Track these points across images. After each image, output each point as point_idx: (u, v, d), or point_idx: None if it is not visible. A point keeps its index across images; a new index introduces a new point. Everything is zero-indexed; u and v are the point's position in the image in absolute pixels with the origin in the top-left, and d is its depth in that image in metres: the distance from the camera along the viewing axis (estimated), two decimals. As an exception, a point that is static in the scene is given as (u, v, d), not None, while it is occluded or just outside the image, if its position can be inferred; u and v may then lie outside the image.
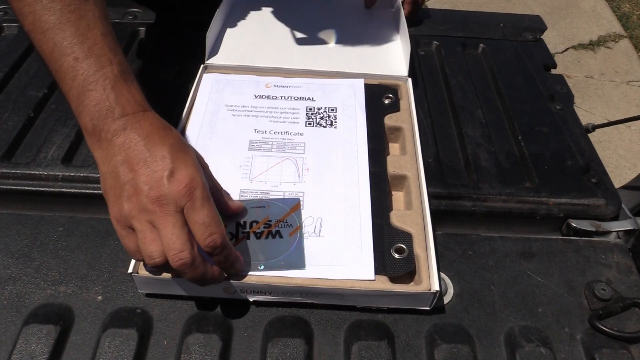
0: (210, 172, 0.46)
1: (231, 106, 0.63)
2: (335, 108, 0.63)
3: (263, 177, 0.55)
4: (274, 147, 0.58)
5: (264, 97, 0.64)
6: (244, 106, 0.63)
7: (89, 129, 0.42)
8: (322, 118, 0.62)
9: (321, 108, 0.63)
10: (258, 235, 0.49)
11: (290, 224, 0.50)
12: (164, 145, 0.41)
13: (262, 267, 0.47)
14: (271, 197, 0.53)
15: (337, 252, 0.49)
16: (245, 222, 0.50)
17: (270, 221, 0.50)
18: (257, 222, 0.50)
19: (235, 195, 0.52)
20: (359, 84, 0.66)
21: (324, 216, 0.51)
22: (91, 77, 0.41)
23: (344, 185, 0.54)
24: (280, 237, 0.49)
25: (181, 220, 0.40)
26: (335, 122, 0.61)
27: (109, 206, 0.41)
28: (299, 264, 0.47)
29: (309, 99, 0.64)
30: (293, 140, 0.59)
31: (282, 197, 0.53)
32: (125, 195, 0.40)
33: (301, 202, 0.52)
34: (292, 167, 0.56)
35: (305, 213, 0.52)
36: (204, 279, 0.42)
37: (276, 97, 0.64)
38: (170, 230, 0.39)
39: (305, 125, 0.61)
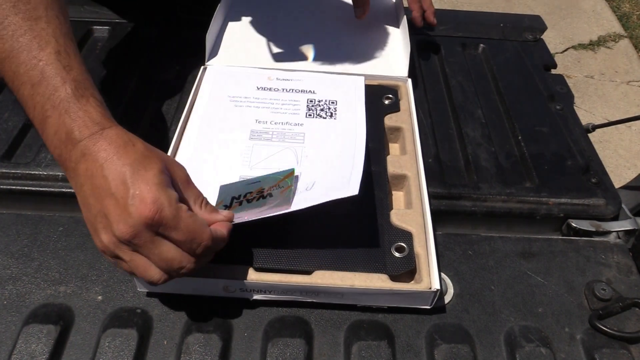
0: (185, 178, 0.43)
1: (233, 97, 0.63)
2: (336, 101, 0.63)
3: (263, 164, 0.55)
4: (274, 137, 0.58)
5: (265, 89, 0.65)
6: (246, 97, 0.63)
7: (56, 159, 0.41)
8: (322, 110, 0.62)
9: (322, 100, 0.63)
10: (249, 200, 0.49)
11: (282, 186, 0.49)
12: (123, 167, 0.38)
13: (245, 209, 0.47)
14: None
15: (324, 188, 0.49)
16: (240, 196, 0.50)
17: (263, 189, 0.50)
18: (250, 192, 0.50)
19: (234, 182, 0.53)
20: (360, 80, 0.66)
21: (317, 178, 0.52)
22: (46, 103, 0.39)
23: (340, 167, 0.54)
24: (271, 196, 0.48)
25: (163, 240, 0.38)
26: (335, 113, 0.62)
27: (92, 237, 0.40)
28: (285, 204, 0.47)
29: (310, 91, 0.65)
30: (293, 130, 0.59)
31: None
32: (100, 228, 0.38)
33: (295, 171, 0.51)
34: (291, 156, 0.56)
35: (300, 184, 0.52)
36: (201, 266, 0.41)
37: (278, 89, 0.65)
38: (158, 255, 0.38)
39: (306, 117, 0.61)
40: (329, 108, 0.62)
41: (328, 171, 0.53)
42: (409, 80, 0.68)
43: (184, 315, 0.48)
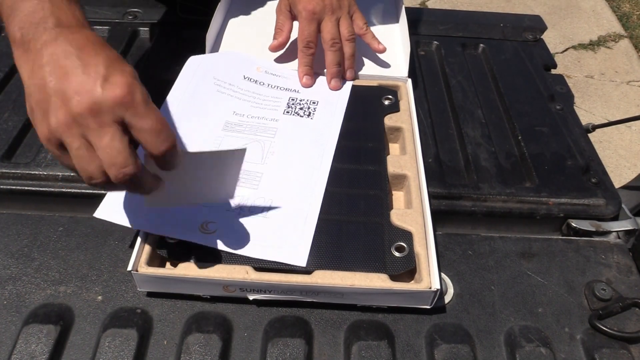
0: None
1: (219, 80, 0.64)
2: (317, 102, 0.64)
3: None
4: (246, 130, 0.59)
5: (252, 80, 0.66)
6: (230, 84, 0.64)
7: (17, 38, 0.38)
8: (301, 109, 0.63)
9: (303, 100, 0.64)
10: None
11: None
12: (98, 57, 0.36)
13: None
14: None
15: (277, 234, 0.49)
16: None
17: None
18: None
19: None
20: (347, 85, 0.67)
21: (275, 199, 0.52)
22: None
23: (303, 173, 0.55)
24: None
25: (120, 131, 0.35)
26: (314, 114, 0.62)
27: (36, 126, 0.36)
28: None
29: (294, 90, 0.65)
30: (267, 125, 0.60)
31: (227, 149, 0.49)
32: (53, 108, 0.35)
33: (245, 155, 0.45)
34: (257, 149, 0.57)
35: (258, 193, 0.52)
36: (146, 189, 0.38)
37: (263, 84, 0.66)
38: (109, 143, 0.34)
39: (283, 113, 0.62)
40: (309, 107, 0.63)
41: (288, 190, 0.53)
42: (409, 80, 0.68)
43: (184, 315, 0.48)
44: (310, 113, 0.62)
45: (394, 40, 0.75)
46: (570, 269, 0.53)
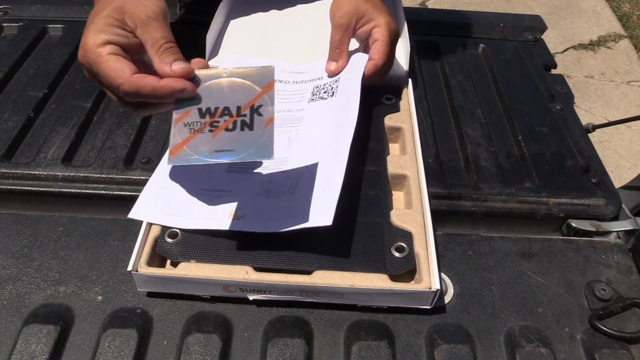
0: (144, 19, 0.44)
1: None
2: (339, 78, 0.63)
3: None
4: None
5: (277, 81, 0.65)
6: None
7: None
8: (325, 92, 0.62)
9: (327, 83, 0.63)
10: (213, 128, 0.42)
11: (261, 112, 0.42)
12: (92, 13, 0.45)
13: (213, 159, 0.42)
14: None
15: (304, 204, 0.48)
16: (201, 109, 0.43)
17: (239, 106, 0.43)
18: (217, 108, 0.43)
19: (225, 166, 0.54)
20: (363, 57, 0.63)
21: (302, 176, 0.52)
22: None
23: (328, 144, 0.54)
24: (250, 128, 0.42)
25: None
26: (336, 91, 0.61)
27: None
28: (267, 153, 0.42)
29: (318, 78, 0.65)
30: (294, 115, 0.60)
31: (249, 67, 0.46)
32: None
33: (274, 79, 0.45)
34: (284, 139, 0.57)
35: (283, 175, 0.52)
36: (158, 95, 0.43)
37: (288, 82, 0.66)
38: (100, 79, 0.44)
39: (308, 102, 0.62)
40: (331, 87, 0.62)
41: (313, 167, 0.53)
42: (409, 80, 0.68)
43: (184, 315, 0.48)
44: (333, 92, 0.61)
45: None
46: (570, 269, 0.53)
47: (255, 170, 0.54)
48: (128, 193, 0.57)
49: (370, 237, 0.50)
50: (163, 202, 0.51)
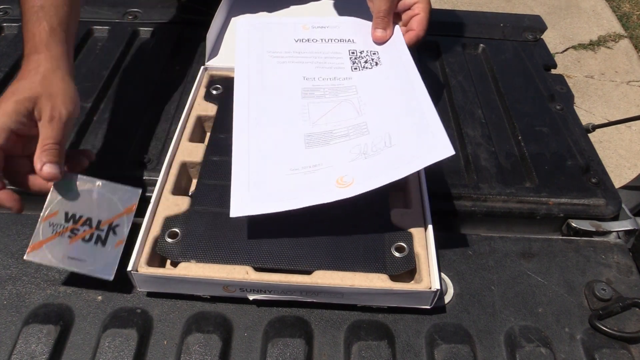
0: (50, 117, 0.47)
1: (274, 52, 0.63)
2: (377, 52, 0.63)
3: (323, 119, 0.55)
4: (326, 94, 0.58)
5: (304, 40, 0.65)
6: (286, 52, 0.63)
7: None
8: (366, 62, 0.62)
9: (363, 51, 0.63)
10: (72, 234, 0.46)
11: (116, 232, 0.47)
12: (11, 89, 0.47)
13: (62, 265, 0.45)
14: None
15: (409, 148, 0.48)
16: (67, 213, 0.47)
17: (100, 220, 0.47)
18: (81, 216, 0.47)
19: (301, 142, 0.53)
20: (397, 30, 0.64)
21: (390, 130, 0.51)
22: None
23: (402, 98, 0.54)
24: (103, 244, 0.47)
25: None
26: (380, 63, 0.61)
27: None
28: (107, 273, 0.46)
29: (349, 40, 0.65)
30: (343, 84, 0.59)
31: (121, 185, 0.49)
32: None
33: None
34: (349, 107, 0.56)
35: (371, 136, 0.52)
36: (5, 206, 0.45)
37: (316, 40, 0.65)
38: None
39: (352, 70, 0.61)
40: (372, 59, 0.62)
41: (397, 118, 0.52)
42: (409, 80, 0.68)
43: (184, 315, 0.48)
44: (377, 63, 0.61)
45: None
46: (570, 269, 0.53)
47: (336, 142, 0.53)
48: (128, 193, 0.57)
49: (370, 237, 0.50)
50: (259, 193, 0.49)
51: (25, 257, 0.45)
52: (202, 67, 0.68)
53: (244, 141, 0.53)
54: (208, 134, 0.63)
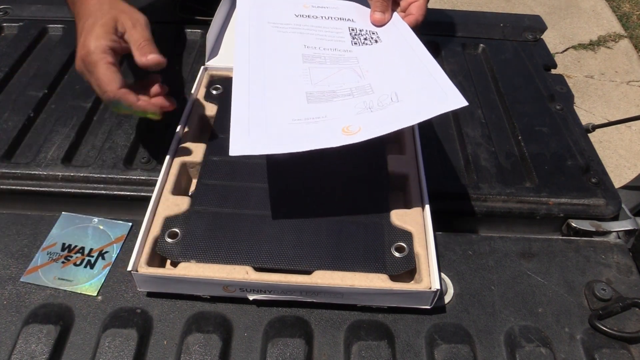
0: (131, 25, 0.53)
1: (274, 23, 0.63)
2: (377, 32, 0.63)
3: (325, 81, 0.55)
4: (328, 61, 0.58)
5: (304, 16, 0.65)
6: (287, 24, 0.63)
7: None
8: (366, 39, 0.62)
9: (363, 30, 0.63)
10: (66, 261, 0.51)
11: (105, 257, 0.52)
12: (81, 19, 0.53)
13: (53, 285, 0.50)
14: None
15: (416, 99, 0.48)
16: (64, 244, 0.52)
17: (91, 248, 0.53)
18: (75, 246, 0.52)
19: (302, 98, 0.53)
20: (396, 16, 0.64)
21: (395, 87, 0.51)
22: None
23: (403, 57, 0.55)
24: (91, 267, 0.51)
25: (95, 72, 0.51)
26: (380, 40, 0.61)
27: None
28: (92, 290, 0.49)
29: (349, 19, 0.65)
30: (344, 55, 0.59)
31: (114, 221, 0.55)
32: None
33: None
34: (351, 73, 0.56)
35: (376, 95, 0.51)
36: (136, 110, 0.52)
37: (317, 17, 0.65)
38: (91, 79, 0.52)
39: (352, 44, 0.61)
40: (372, 37, 0.62)
41: (404, 79, 0.52)
42: (409, 80, 0.68)
43: (184, 315, 0.48)
44: (377, 41, 0.61)
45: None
46: (570, 269, 0.53)
47: (339, 100, 0.52)
48: (128, 193, 0.57)
49: (370, 237, 0.50)
50: (259, 135, 0.48)
51: (21, 279, 0.50)
52: (202, 67, 0.68)
53: (243, 91, 0.52)
54: (208, 134, 0.63)
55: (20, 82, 0.70)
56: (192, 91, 0.64)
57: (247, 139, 0.47)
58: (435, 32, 0.84)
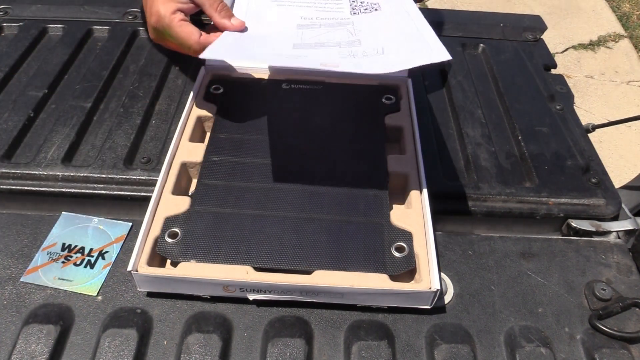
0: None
1: None
2: (378, 2, 0.64)
3: (315, 39, 0.56)
4: (322, 26, 0.60)
5: None
6: None
7: None
8: (366, 9, 0.63)
9: (364, 1, 0.64)
10: (66, 261, 0.51)
11: (105, 257, 0.52)
12: None
13: (53, 285, 0.49)
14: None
15: (403, 48, 0.49)
16: (64, 244, 0.52)
17: (92, 248, 0.53)
18: (75, 246, 0.52)
19: (288, 43, 0.55)
20: None
21: (385, 43, 0.52)
22: None
23: (400, 25, 0.56)
24: (91, 267, 0.51)
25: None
26: (380, 8, 0.62)
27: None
28: (92, 290, 0.49)
29: None
30: (341, 22, 0.61)
31: (114, 221, 0.55)
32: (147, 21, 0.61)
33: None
34: (343, 32, 0.58)
35: (363, 47, 0.53)
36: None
37: None
38: (172, 40, 0.58)
39: (351, 14, 0.63)
40: (372, 7, 0.63)
41: (394, 37, 0.53)
42: (409, 80, 0.68)
43: (184, 315, 0.48)
44: (376, 9, 0.62)
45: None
46: (570, 269, 0.54)
47: (324, 48, 0.54)
48: (128, 193, 0.57)
49: (370, 237, 0.50)
50: (239, 48, 0.52)
51: (21, 279, 0.50)
52: (202, 67, 0.68)
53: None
54: (208, 134, 0.63)
55: (20, 82, 0.70)
56: (192, 91, 0.64)
57: (225, 47, 0.52)
58: (436, 32, 0.83)
